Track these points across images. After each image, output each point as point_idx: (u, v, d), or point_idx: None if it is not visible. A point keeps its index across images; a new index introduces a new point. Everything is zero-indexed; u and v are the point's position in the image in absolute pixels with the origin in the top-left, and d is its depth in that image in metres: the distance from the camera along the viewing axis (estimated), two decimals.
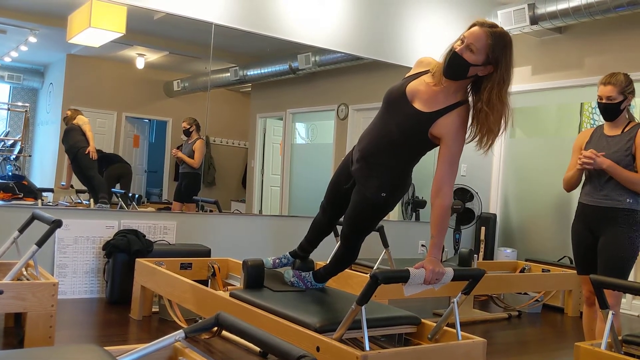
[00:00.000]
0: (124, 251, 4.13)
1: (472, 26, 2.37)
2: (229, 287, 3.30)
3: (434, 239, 2.38)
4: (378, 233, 4.01)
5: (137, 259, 3.86)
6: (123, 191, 5.03)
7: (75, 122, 4.75)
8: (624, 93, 3.02)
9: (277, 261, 3.12)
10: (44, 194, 4.68)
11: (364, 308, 2.21)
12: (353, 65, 5.80)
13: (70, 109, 4.75)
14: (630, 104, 3.09)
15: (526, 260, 5.64)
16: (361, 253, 2.91)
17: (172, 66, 5.45)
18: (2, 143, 4.90)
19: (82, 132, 4.77)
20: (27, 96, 4.90)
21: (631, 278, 3.38)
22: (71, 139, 4.77)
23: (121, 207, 4.88)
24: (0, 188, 4.59)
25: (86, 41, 4.60)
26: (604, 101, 3.03)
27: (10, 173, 4.79)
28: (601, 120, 3.22)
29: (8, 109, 4.84)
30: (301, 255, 3.11)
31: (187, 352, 1.88)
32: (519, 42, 6.32)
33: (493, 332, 4.28)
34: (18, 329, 3.14)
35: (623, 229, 2.99)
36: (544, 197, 6.15)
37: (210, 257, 4.23)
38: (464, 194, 5.79)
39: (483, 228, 6.29)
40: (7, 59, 4.70)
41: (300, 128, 6.34)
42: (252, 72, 5.94)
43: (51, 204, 4.65)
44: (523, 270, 5.31)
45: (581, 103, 6.81)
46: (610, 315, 2.52)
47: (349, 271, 4.05)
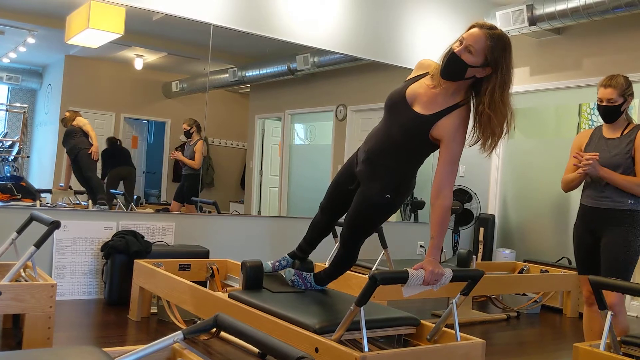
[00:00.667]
0: (123, 252, 4.13)
1: (471, 27, 2.37)
2: (228, 289, 3.30)
3: (434, 240, 2.38)
4: (377, 234, 4.01)
5: (136, 260, 3.86)
6: (122, 192, 5.03)
7: (75, 124, 4.75)
8: (624, 95, 3.03)
9: (277, 264, 3.12)
10: (43, 195, 4.67)
11: (363, 309, 2.21)
12: (352, 66, 5.79)
13: (68, 111, 4.75)
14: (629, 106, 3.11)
15: (525, 261, 5.64)
16: (360, 254, 2.91)
17: (171, 67, 5.44)
18: (1, 144, 4.89)
19: (84, 133, 4.77)
20: (26, 97, 4.89)
21: (633, 279, 3.38)
22: (72, 141, 4.77)
23: (119, 208, 4.87)
24: None
25: (85, 42, 4.59)
26: (604, 103, 3.05)
27: (8, 174, 4.78)
28: (599, 121, 3.23)
29: (6, 110, 4.83)
30: (300, 256, 3.11)
31: (186, 353, 1.88)
32: (518, 43, 6.32)
33: (492, 333, 4.28)
34: (16, 331, 3.13)
35: (625, 230, 3.00)
36: (543, 198, 6.15)
37: (209, 258, 4.22)
38: (463, 195, 5.79)
39: (482, 229, 6.29)
40: (6, 60, 4.70)
41: (298, 129, 6.33)
42: (251, 73, 5.94)
43: (49, 205, 4.64)
44: (522, 271, 5.31)
45: (579, 104, 6.81)
46: (609, 315, 2.53)
47: (348, 272, 4.04)
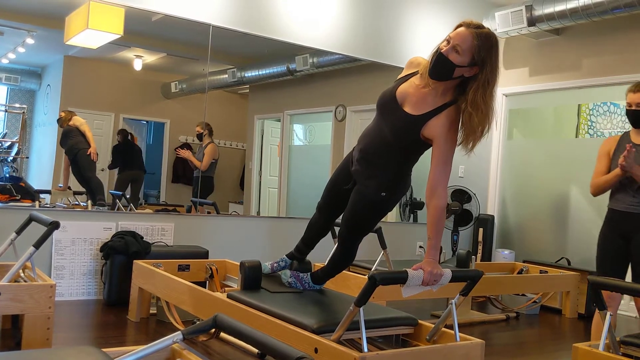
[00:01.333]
0: (122, 253, 4.13)
1: (459, 27, 2.36)
2: (227, 289, 3.30)
3: (431, 240, 2.38)
4: (376, 234, 4.02)
5: (135, 261, 3.86)
6: (120, 193, 5.03)
7: (71, 124, 4.74)
8: None
9: (275, 265, 3.13)
10: (42, 196, 4.67)
11: (362, 309, 2.21)
12: (351, 66, 5.80)
13: (64, 111, 4.74)
14: None
15: (524, 261, 5.64)
16: (359, 254, 2.91)
17: (170, 68, 5.44)
18: (0, 145, 4.89)
19: (81, 133, 4.76)
20: (25, 98, 4.89)
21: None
22: (70, 141, 4.76)
23: (119, 209, 4.87)
24: None
25: (84, 43, 4.59)
26: (633, 108, 3.15)
27: (7, 175, 4.78)
28: (598, 122, 3.25)
29: (5, 111, 4.83)
30: (298, 256, 3.11)
31: (185, 354, 1.88)
32: (517, 44, 6.33)
33: (491, 334, 4.29)
34: (15, 331, 3.13)
35: None
36: (542, 199, 6.15)
37: (208, 259, 4.22)
38: (462, 196, 5.78)
39: (481, 229, 6.29)
40: (5, 61, 4.70)
41: (298, 129, 6.34)
42: (250, 74, 5.94)
43: (49, 206, 4.64)
44: (521, 271, 5.31)
45: (578, 104, 6.81)
46: (608, 316, 2.53)
47: (347, 272, 4.05)
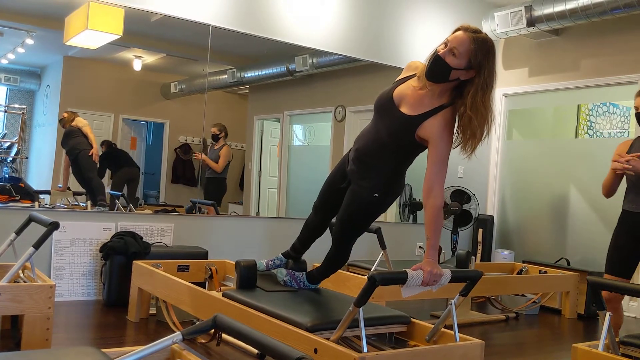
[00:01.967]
0: (121, 253, 4.13)
1: (456, 30, 2.42)
2: (222, 288, 3.31)
3: (430, 240, 2.39)
4: (375, 235, 4.02)
5: (135, 261, 3.86)
6: (120, 193, 5.02)
7: (74, 125, 4.75)
8: None
9: (270, 263, 3.15)
10: (41, 196, 4.66)
11: (362, 310, 2.21)
12: (350, 67, 5.80)
13: (66, 111, 4.74)
14: None
15: (523, 262, 5.65)
16: (359, 255, 2.92)
17: (170, 68, 5.44)
18: None
19: (83, 134, 4.77)
20: (24, 98, 4.89)
21: (633, 280, 3.40)
22: (72, 141, 4.77)
23: (118, 209, 4.87)
24: None
25: (83, 43, 4.59)
26: None
27: (7, 175, 4.78)
28: (597, 122, 3.27)
29: (5, 111, 4.83)
30: (294, 256, 3.13)
31: (185, 354, 1.88)
32: (516, 44, 6.34)
33: (491, 334, 4.29)
34: (15, 332, 3.13)
35: None
36: (541, 199, 6.16)
37: (207, 259, 4.22)
38: (462, 196, 5.78)
39: (480, 230, 6.29)
40: (4, 61, 4.70)
41: (297, 130, 6.34)
42: (250, 74, 5.94)
43: (48, 206, 4.64)
44: (520, 271, 5.32)
45: (578, 105, 6.81)
46: (607, 316, 2.54)
47: (347, 273, 4.05)
